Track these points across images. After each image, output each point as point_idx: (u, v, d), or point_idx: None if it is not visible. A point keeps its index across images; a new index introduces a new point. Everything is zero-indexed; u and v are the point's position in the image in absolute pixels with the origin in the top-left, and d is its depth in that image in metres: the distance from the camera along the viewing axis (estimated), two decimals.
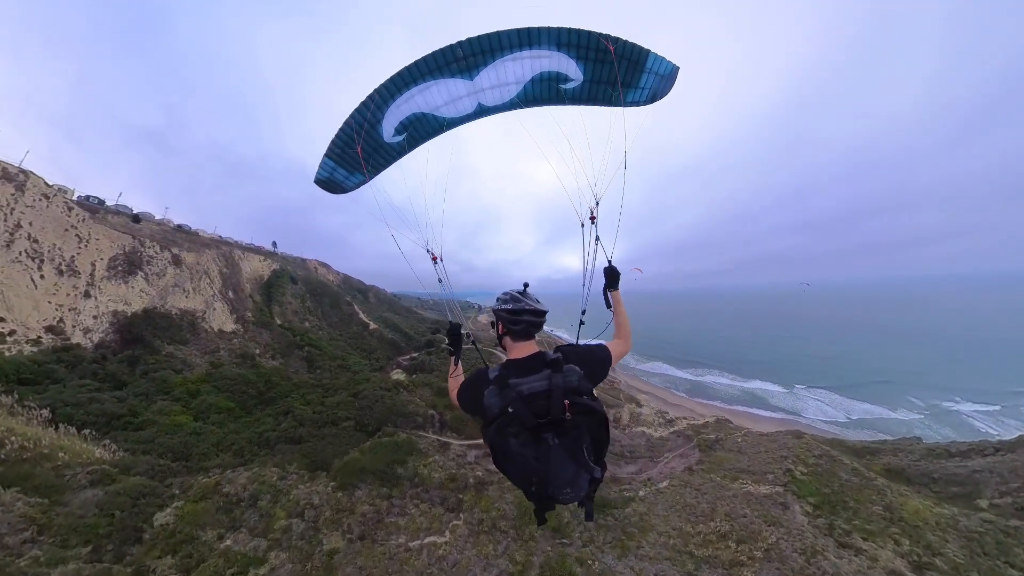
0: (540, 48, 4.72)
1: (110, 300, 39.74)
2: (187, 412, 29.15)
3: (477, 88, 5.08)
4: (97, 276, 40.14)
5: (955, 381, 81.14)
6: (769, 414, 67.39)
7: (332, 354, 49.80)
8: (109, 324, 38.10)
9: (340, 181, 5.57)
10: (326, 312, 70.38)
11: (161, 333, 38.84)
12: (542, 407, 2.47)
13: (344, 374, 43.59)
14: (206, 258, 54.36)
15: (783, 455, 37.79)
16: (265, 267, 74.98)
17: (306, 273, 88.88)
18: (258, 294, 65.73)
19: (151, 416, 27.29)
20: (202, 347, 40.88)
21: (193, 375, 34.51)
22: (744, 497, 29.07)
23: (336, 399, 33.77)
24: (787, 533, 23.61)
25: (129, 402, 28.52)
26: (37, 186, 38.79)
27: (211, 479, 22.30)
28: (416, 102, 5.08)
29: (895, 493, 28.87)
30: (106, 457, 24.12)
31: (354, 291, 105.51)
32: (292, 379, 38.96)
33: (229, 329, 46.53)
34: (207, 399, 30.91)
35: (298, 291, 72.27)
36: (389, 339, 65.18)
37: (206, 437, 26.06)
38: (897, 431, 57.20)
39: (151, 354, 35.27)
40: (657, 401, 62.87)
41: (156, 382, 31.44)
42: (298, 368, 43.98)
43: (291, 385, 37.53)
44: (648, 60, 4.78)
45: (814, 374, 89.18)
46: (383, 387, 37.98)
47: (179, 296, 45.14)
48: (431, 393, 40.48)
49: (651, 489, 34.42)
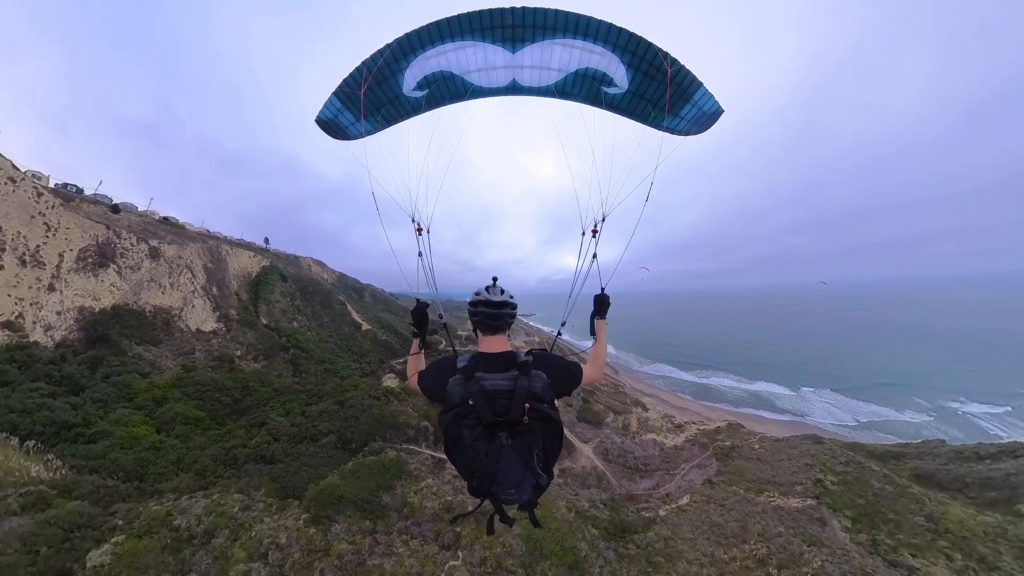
0: (595, 42, 4.44)
1: (77, 294, 36.56)
2: (149, 422, 26.10)
3: (517, 63, 4.71)
4: (64, 268, 37.00)
5: (960, 382, 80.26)
6: (777, 416, 66.59)
7: (320, 357, 46.82)
8: (74, 321, 34.90)
9: (344, 126, 5.06)
10: (316, 311, 67.16)
11: (130, 332, 35.65)
12: (502, 406, 2.55)
13: (331, 379, 40.60)
14: (189, 252, 51.30)
15: (807, 463, 34.48)
16: (254, 263, 71.82)
17: (298, 271, 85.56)
18: (245, 291, 62.61)
19: (107, 426, 24.22)
20: (176, 348, 37.72)
21: (162, 379, 31.39)
22: (775, 512, 28.06)
23: (319, 408, 30.80)
24: (831, 554, 23.48)
25: (85, 409, 25.44)
26: (3, 168, 35.75)
27: (163, 507, 19.22)
28: (447, 59, 4.69)
29: (934, 502, 28.34)
30: (45, 476, 21.00)
31: (349, 290, 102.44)
32: (273, 384, 35.92)
33: (209, 328, 43.39)
34: (174, 407, 27.85)
35: (288, 289, 69.16)
36: (383, 341, 62.23)
37: (166, 453, 23.03)
38: (906, 433, 59.14)
39: (116, 355, 32.12)
40: (663, 404, 61.33)
41: (118, 387, 28.34)
42: (282, 372, 40.91)
43: (271, 391, 34.51)
44: (696, 93, 4.59)
45: (819, 376, 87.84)
46: (372, 395, 35.05)
47: (154, 292, 41.99)
48: (424, 402, 37.59)
49: (672, 507, 29.97)
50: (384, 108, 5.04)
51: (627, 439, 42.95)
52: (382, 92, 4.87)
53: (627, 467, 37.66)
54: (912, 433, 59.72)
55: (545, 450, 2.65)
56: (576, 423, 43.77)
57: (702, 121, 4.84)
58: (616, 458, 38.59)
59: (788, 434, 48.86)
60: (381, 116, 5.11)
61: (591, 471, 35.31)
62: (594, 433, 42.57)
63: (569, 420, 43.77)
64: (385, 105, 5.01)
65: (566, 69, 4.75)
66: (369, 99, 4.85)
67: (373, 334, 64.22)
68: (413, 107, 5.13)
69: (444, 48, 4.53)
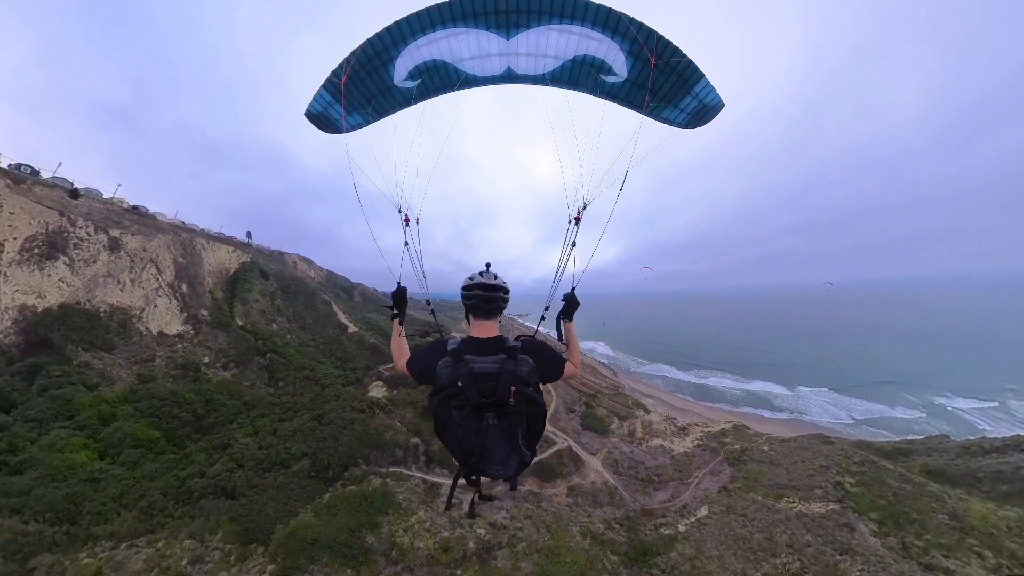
0: (594, 28, 4.23)
1: (18, 291, 32.20)
2: (91, 446, 22.38)
3: (511, 50, 4.53)
4: (6, 260, 32.59)
5: (947, 379, 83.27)
6: (775, 415, 67.36)
7: (299, 363, 42.95)
8: (12, 323, 30.62)
9: (334, 119, 4.94)
10: (299, 312, 62.90)
11: (78, 335, 31.46)
12: (489, 388, 2.74)
13: (310, 388, 36.92)
14: (157, 245, 46.85)
15: (822, 464, 33.73)
16: (233, 259, 66.92)
17: (282, 268, 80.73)
18: (221, 290, 58.22)
19: (37, 452, 20.47)
20: (132, 354, 33.60)
21: (111, 392, 27.47)
22: (799, 520, 27.42)
23: (293, 424, 27.36)
24: (865, 562, 22.98)
25: (13, 431, 21.62)
26: None
27: (94, 561, 15.74)
28: (439, 47, 4.49)
29: (954, 499, 28.24)
30: None
31: (337, 289, 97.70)
32: (243, 396, 32.19)
33: (174, 331, 39.23)
34: (123, 427, 24.11)
35: (268, 287, 64.80)
36: (370, 344, 57.85)
37: (107, 485, 19.45)
38: (899, 428, 61.80)
39: (59, 363, 28.07)
40: (664, 406, 60.35)
41: (57, 402, 24.45)
42: (255, 381, 37.05)
43: (240, 405, 30.82)
44: (698, 84, 4.42)
45: (814, 375, 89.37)
46: (355, 407, 31.59)
47: (111, 289, 37.64)
48: (415, 415, 34.26)
49: (691, 520, 28.19)
50: (375, 100, 4.94)
51: (635, 447, 40.98)
52: (372, 83, 4.76)
53: (639, 479, 35.57)
54: (904, 428, 63.28)
55: (529, 430, 2.88)
56: (581, 432, 41.25)
57: (702, 114, 4.72)
58: (627, 470, 36.55)
59: (792, 434, 48.87)
60: (372, 108, 5.00)
61: (602, 487, 33.11)
62: (601, 443, 40.19)
63: (574, 429, 41.38)
64: (376, 97, 4.92)
65: (563, 56, 4.60)
66: (360, 91, 4.76)
67: (360, 337, 60.02)
68: (405, 98, 5.02)
69: (436, 36, 4.37)
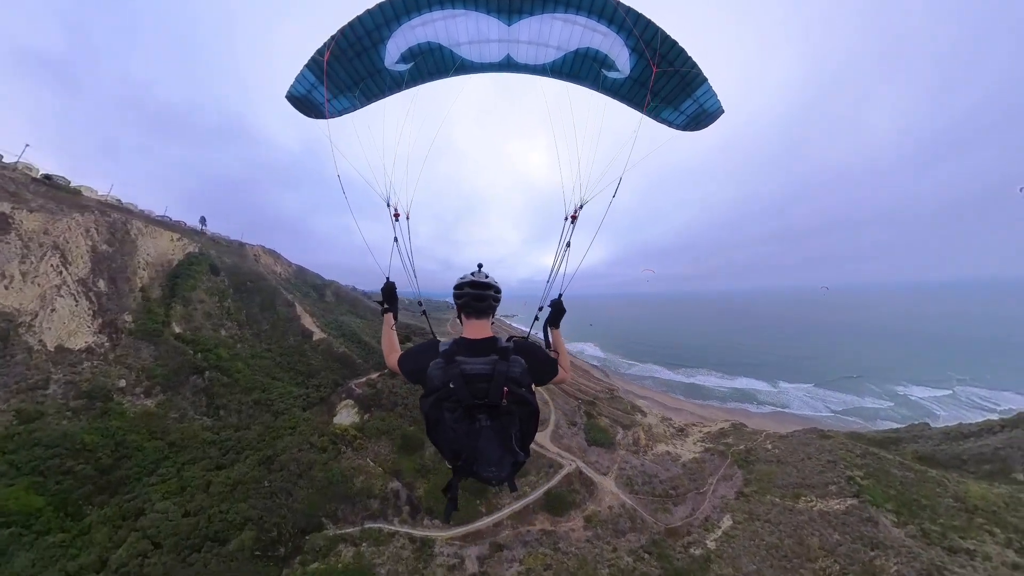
0: (600, 20, 4.06)
1: None
2: None
3: (512, 37, 4.28)
4: None
5: (903, 371, 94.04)
6: (760, 409, 72.62)
7: (248, 381, 35.25)
8: None
9: (318, 102, 4.57)
10: (254, 315, 53.82)
11: None
12: (481, 390, 2.73)
13: (261, 416, 29.90)
14: (67, 227, 37.56)
15: (828, 460, 33.82)
16: (177, 249, 56.89)
17: (239, 262, 70.14)
18: (158, 286, 48.96)
19: None
20: (14, 380, 25.42)
21: None
22: (823, 519, 27.77)
23: (234, 474, 20.80)
24: (897, 554, 23.67)
25: None
26: None
27: None
28: (435, 29, 4.19)
29: (953, 482, 30.21)
30: None
31: (307, 287, 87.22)
32: (170, 434, 24.96)
33: (80, 344, 30.86)
34: None
35: (218, 285, 55.55)
36: (339, 354, 49.62)
37: None
38: (871, 416, 68.95)
39: None
40: (658, 407, 61.20)
41: None
42: (188, 410, 29.43)
43: (164, 448, 23.73)
44: (700, 88, 4.39)
45: (792, 371, 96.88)
46: (316, 443, 24.95)
47: None
48: (393, 448, 27.88)
49: (718, 534, 26.38)
50: (363, 83, 4.59)
51: (644, 459, 38.38)
52: (361, 64, 4.40)
53: (656, 496, 33.27)
54: (873, 415, 70.73)
55: (522, 431, 2.88)
56: (588, 449, 37.14)
57: (701, 118, 4.63)
58: (642, 487, 34.07)
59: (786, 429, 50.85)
60: (360, 92, 4.65)
61: (620, 510, 30.00)
62: (609, 459, 36.83)
63: (580, 446, 37.19)
64: (364, 79, 4.57)
65: (565, 47, 4.39)
66: (347, 72, 4.43)
67: (328, 345, 51.60)
68: (395, 82, 4.69)
69: (432, 16, 4.09)
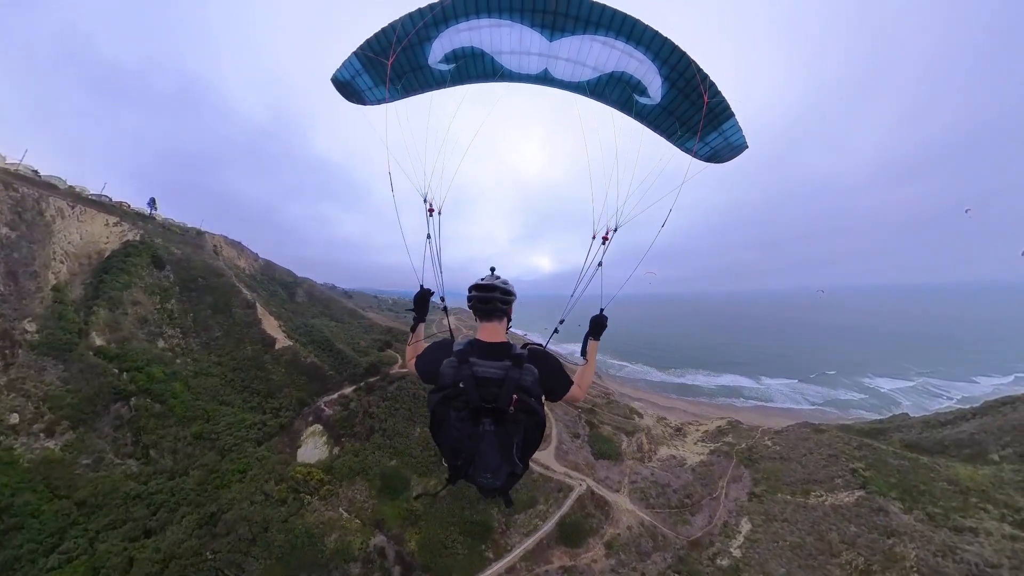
0: (637, 47, 4.25)
1: None
2: None
3: (552, 53, 4.50)
4: None
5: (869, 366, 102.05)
6: (746, 403, 75.63)
7: (188, 408, 28.63)
8: None
9: (361, 89, 4.82)
10: (204, 319, 45.80)
11: None
12: (491, 393, 2.74)
13: (203, 456, 24.07)
14: None
15: (829, 454, 35.46)
16: (113, 236, 48.07)
17: (192, 253, 59.56)
18: (79, 284, 40.67)
19: None
20: None
21: None
22: (836, 513, 28.59)
23: (167, 542, 15.68)
24: (912, 539, 24.48)
25: None
26: None
27: None
28: (479, 35, 4.43)
29: (943, 466, 31.84)
30: None
31: (275, 285, 77.12)
32: (78, 490, 18.85)
33: None
34: None
35: (161, 282, 47.46)
36: (307, 366, 41.98)
37: None
38: (845, 407, 74.15)
39: None
40: (653, 407, 61.29)
41: None
42: (108, 451, 22.79)
43: (69, 512, 17.74)
44: (727, 123, 4.52)
45: (771, 367, 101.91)
46: (274, 494, 19.65)
47: None
48: (371, 492, 22.87)
49: (740, 540, 24.87)
50: (406, 77, 4.79)
51: (653, 468, 36.96)
52: (406, 60, 4.61)
53: (672, 507, 32.03)
54: (845, 405, 75.67)
55: (525, 441, 2.86)
56: (596, 464, 34.78)
57: (724, 152, 4.79)
58: (656, 499, 32.67)
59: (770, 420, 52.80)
60: (402, 85, 4.84)
61: (639, 529, 28.11)
62: (619, 473, 34.78)
63: (586, 461, 34.64)
64: (407, 74, 4.77)
65: (602, 69, 4.55)
66: (392, 66, 4.56)
67: (294, 354, 43.96)
68: (437, 80, 4.90)
69: (479, 23, 4.32)
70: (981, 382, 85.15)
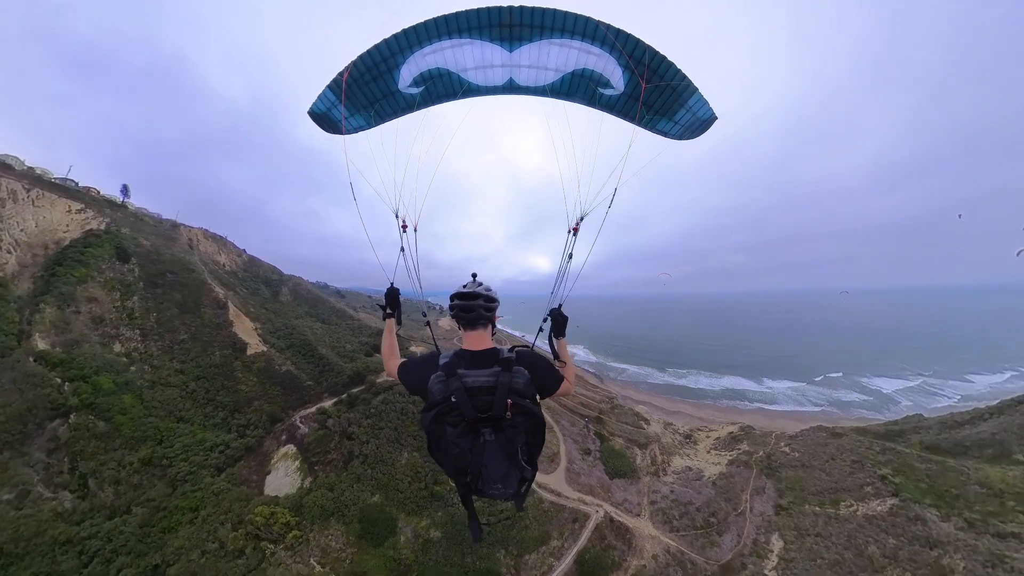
0: (593, 43, 4.36)
1: None
2: None
3: (514, 62, 4.65)
4: None
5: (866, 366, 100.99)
6: (750, 405, 73.79)
7: (138, 427, 24.45)
8: None
9: (337, 120, 4.97)
10: (169, 320, 41.15)
11: None
12: (485, 403, 2.65)
13: (151, 487, 19.89)
14: None
15: (854, 459, 33.66)
16: (74, 223, 43.82)
17: (163, 246, 54.30)
18: (29, 277, 36.09)
19: None
20: None
21: None
22: (871, 524, 26.86)
23: None
24: (956, 550, 23.05)
25: None
26: None
27: None
28: (444, 56, 4.60)
29: (971, 468, 30.43)
30: None
31: (258, 283, 71.23)
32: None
33: None
34: None
35: (122, 277, 42.66)
36: (282, 375, 38.13)
37: None
38: (848, 408, 72.58)
39: None
40: (658, 412, 59.29)
41: None
42: (36, 482, 18.77)
43: None
44: (692, 98, 4.56)
45: (772, 368, 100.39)
46: (229, 543, 16.22)
47: None
48: (349, 537, 19.42)
49: (774, 560, 25.33)
50: (378, 104, 4.94)
51: (672, 484, 34.09)
52: (376, 87, 4.74)
53: (698, 528, 29.37)
54: (847, 405, 74.35)
55: (528, 443, 2.75)
56: (612, 485, 31.54)
57: (695, 127, 4.81)
58: (680, 520, 29.96)
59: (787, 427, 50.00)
60: (375, 111, 4.98)
61: (666, 558, 25.60)
62: (637, 492, 31.73)
63: (601, 482, 31.46)
64: (379, 101, 4.91)
65: (563, 69, 4.66)
66: (363, 94, 4.75)
67: (268, 361, 39.79)
68: (408, 104, 5.04)
69: (441, 45, 4.43)
70: (976, 380, 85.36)
